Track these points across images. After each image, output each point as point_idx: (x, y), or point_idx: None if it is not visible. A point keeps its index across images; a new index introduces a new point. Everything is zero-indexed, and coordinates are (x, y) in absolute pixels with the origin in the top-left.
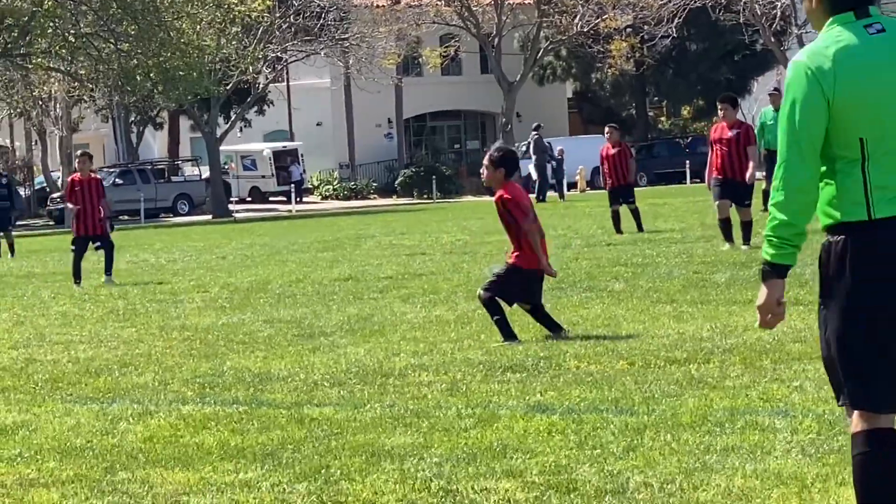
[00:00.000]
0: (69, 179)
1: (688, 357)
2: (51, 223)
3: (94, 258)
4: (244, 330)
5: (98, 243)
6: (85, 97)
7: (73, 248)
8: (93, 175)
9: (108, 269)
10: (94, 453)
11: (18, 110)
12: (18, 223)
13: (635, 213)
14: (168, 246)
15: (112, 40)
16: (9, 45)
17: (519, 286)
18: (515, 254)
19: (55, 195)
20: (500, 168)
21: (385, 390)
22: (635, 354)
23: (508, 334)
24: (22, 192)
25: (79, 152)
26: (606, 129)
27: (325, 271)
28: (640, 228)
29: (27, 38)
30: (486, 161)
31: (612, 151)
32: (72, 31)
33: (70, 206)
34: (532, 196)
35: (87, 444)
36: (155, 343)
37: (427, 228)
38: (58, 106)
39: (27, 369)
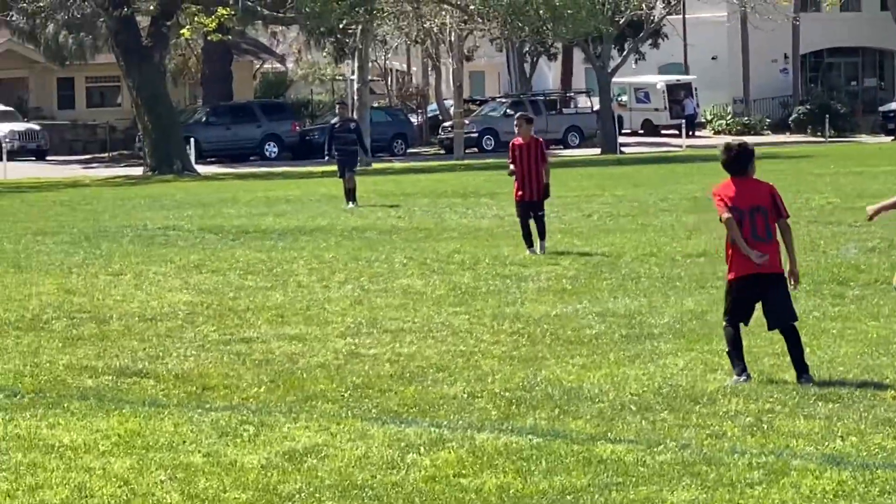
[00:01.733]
0: (510, 144)
1: None
2: (441, 151)
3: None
4: (573, 325)
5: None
6: (480, 28)
7: (518, 213)
8: (534, 138)
9: (542, 236)
10: (372, 493)
11: (414, 39)
12: (410, 150)
13: None
14: None
15: None
16: None
17: None
18: None
19: (446, 123)
20: None
21: (688, 421)
22: None
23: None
24: (414, 120)
25: (517, 115)
26: None
27: (681, 243)
28: None
29: None
30: None
31: None
32: None
33: (512, 168)
34: None
35: (368, 482)
36: (482, 337)
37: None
38: (452, 35)
39: (344, 368)
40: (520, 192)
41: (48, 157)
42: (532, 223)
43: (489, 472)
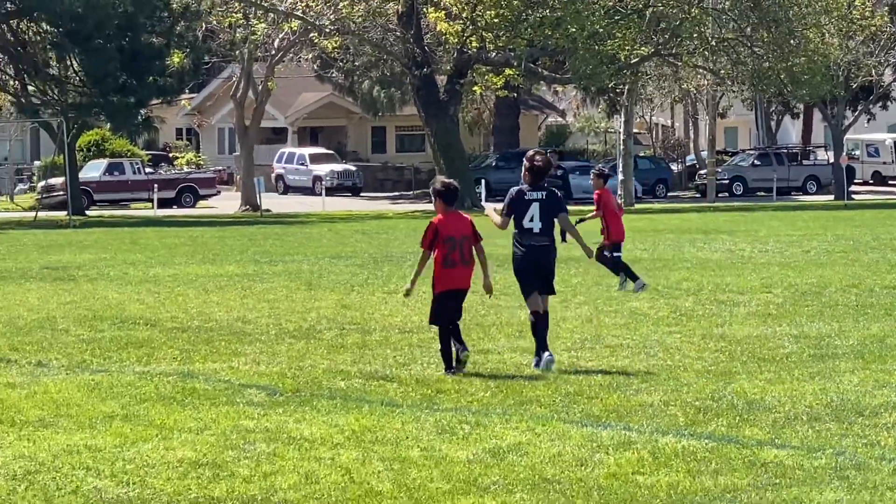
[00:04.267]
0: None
1: None
2: (696, 195)
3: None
4: (770, 345)
5: None
6: (731, 90)
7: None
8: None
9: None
10: (559, 487)
11: (673, 98)
12: (669, 194)
13: None
14: (771, 233)
15: (748, 45)
16: (660, 45)
17: None
18: None
19: (702, 171)
20: None
21: (849, 431)
22: None
23: None
24: (675, 168)
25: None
26: None
27: (882, 275)
28: None
29: (677, 41)
30: None
31: None
32: (714, 36)
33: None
34: None
35: (557, 477)
36: (688, 353)
37: None
38: (707, 95)
39: (561, 378)
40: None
41: (361, 194)
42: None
43: (664, 471)
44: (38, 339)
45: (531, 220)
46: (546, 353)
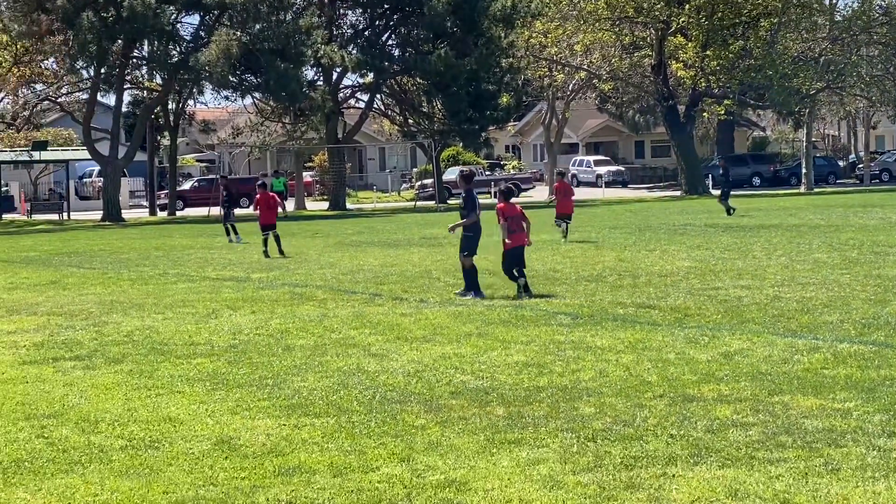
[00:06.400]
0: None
1: None
2: (857, 182)
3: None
4: None
5: None
6: (880, 110)
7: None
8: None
9: None
10: (769, 378)
11: (839, 116)
12: (837, 181)
13: None
14: None
15: (892, 79)
16: (830, 81)
17: None
18: None
19: (860, 165)
20: None
21: None
22: None
23: None
24: (841, 163)
25: None
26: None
27: None
28: None
29: (842, 78)
30: None
31: None
32: (868, 74)
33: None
34: None
35: (768, 371)
36: (855, 288)
37: None
38: (861, 114)
39: (770, 305)
40: None
41: (629, 186)
42: None
43: (842, 367)
44: (419, 284)
45: None
46: None
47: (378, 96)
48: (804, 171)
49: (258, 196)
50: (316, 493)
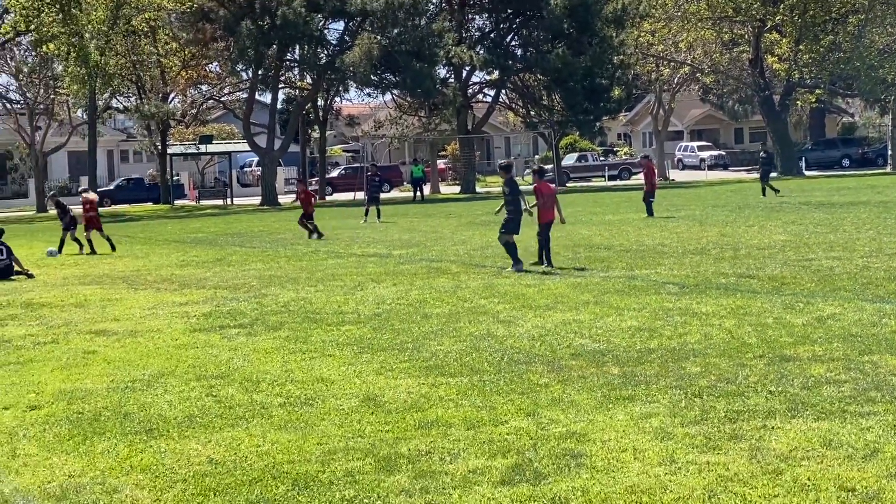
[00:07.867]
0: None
1: None
2: None
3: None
4: None
5: None
6: None
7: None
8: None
9: None
10: (860, 339)
11: None
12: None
13: None
14: None
15: None
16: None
17: None
18: None
19: None
20: None
21: None
22: None
23: None
24: None
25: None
26: None
27: None
28: None
29: None
30: None
31: None
32: None
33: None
34: None
35: (858, 333)
36: None
37: None
38: None
39: (861, 274)
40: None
41: (729, 168)
42: None
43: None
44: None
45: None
46: None
47: (503, 91)
48: (890, 152)
49: (302, 191)
50: (452, 444)
